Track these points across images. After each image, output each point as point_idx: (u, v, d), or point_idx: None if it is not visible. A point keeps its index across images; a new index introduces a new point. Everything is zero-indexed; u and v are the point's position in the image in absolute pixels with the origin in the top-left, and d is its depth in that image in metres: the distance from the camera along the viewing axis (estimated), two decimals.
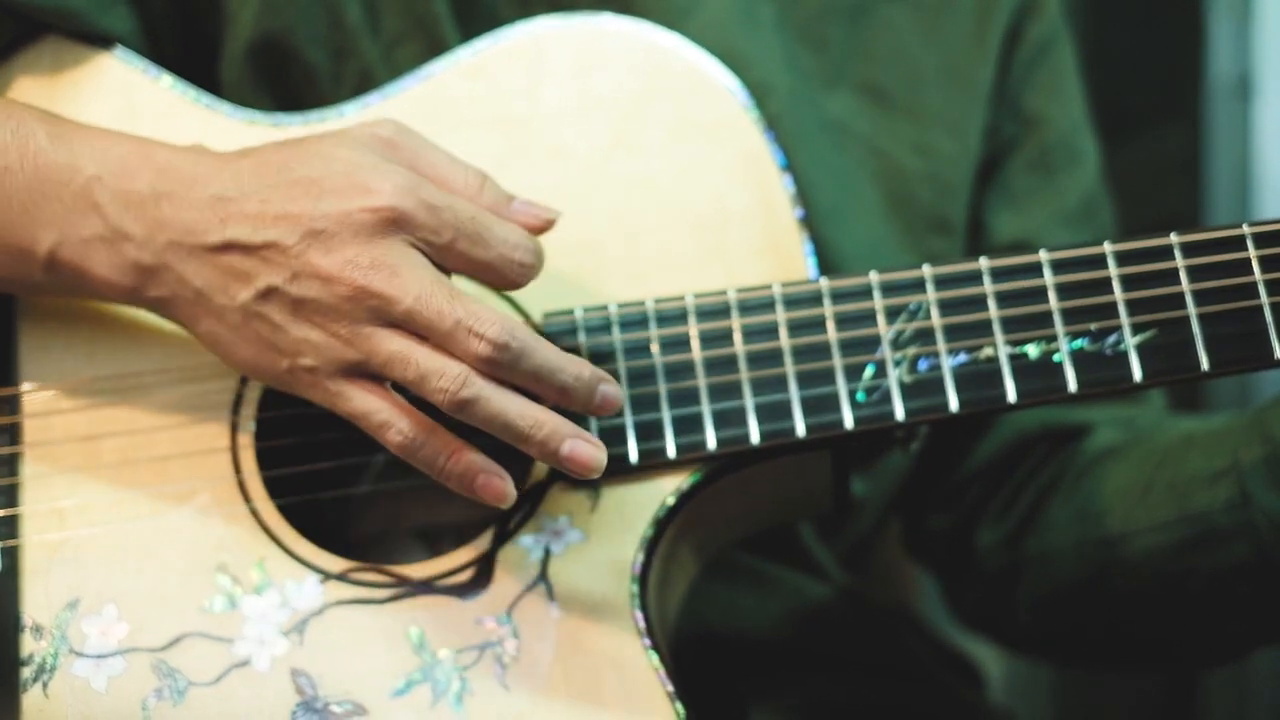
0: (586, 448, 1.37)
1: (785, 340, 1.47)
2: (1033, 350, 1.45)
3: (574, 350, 1.47)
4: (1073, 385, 1.44)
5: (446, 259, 1.39)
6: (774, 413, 1.46)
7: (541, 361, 1.36)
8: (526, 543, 1.45)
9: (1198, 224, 2.52)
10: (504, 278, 1.41)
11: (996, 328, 1.45)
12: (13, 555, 1.45)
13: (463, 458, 1.37)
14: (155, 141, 1.44)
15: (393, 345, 1.36)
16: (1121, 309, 1.44)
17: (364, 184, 1.38)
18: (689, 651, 1.53)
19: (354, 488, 1.54)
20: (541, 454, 1.37)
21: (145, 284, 1.41)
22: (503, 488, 1.37)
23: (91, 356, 1.49)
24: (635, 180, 1.53)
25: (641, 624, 1.43)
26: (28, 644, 1.43)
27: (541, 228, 1.44)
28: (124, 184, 1.41)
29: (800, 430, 1.45)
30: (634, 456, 1.46)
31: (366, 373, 1.38)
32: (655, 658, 1.42)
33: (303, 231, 1.37)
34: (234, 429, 1.48)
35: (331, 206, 1.37)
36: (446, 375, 1.35)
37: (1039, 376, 1.44)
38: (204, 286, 1.39)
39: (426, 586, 1.45)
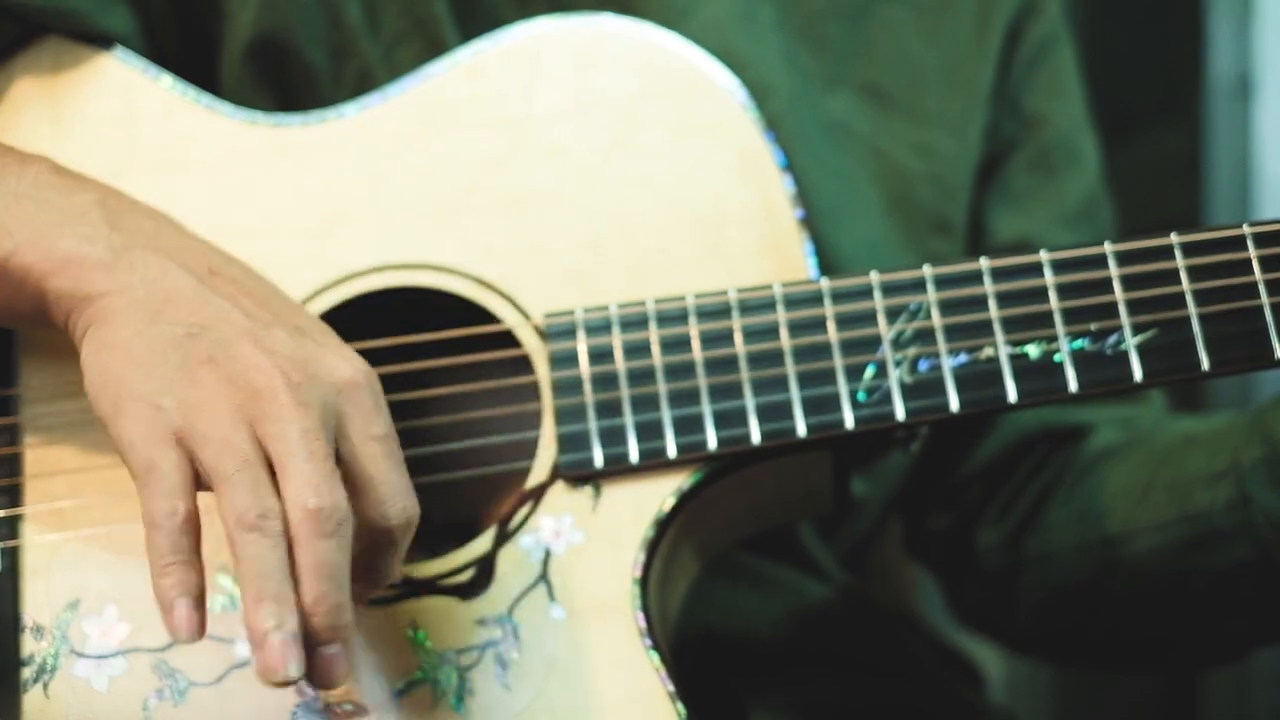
0: (291, 652, 1.24)
1: (786, 340, 1.47)
2: (1033, 350, 1.45)
3: (573, 349, 1.47)
4: (1073, 385, 1.44)
5: (346, 446, 1.32)
6: (774, 413, 1.46)
7: (337, 560, 1.27)
8: (527, 543, 1.46)
9: (1198, 224, 2.52)
10: (374, 512, 1.32)
11: (997, 328, 1.45)
12: (13, 556, 1.45)
13: (191, 573, 1.28)
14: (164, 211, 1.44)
15: (246, 445, 1.28)
16: (1122, 309, 1.44)
17: (351, 354, 1.35)
18: (689, 651, 1.53)
19: None
20: (257, 622, 1.25)
21: (106, 271, 1.36)
22: (191, 625, 1.27)
23: None
24: (635, 180, 1.53)
25: (642, 624, 1.43)
26: (28, 644, 1.43)
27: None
28: (126, 206, 1.41)
29: (801, 430, 1.45)
30: (634, 457, 1.46)
31: (193, 448, 1.29)
32: (656, 658, 1.42)
33: (272, 321, 1.34)
34: None
35: (313, 330, 1.35)
36: (265, 502, 1.26)
37: (1039, 377, 1.45)
38: (148, 296, 1.34)
39: (427, 586, 1.45)
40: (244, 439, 1.28)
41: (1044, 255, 1.46)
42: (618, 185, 1.53)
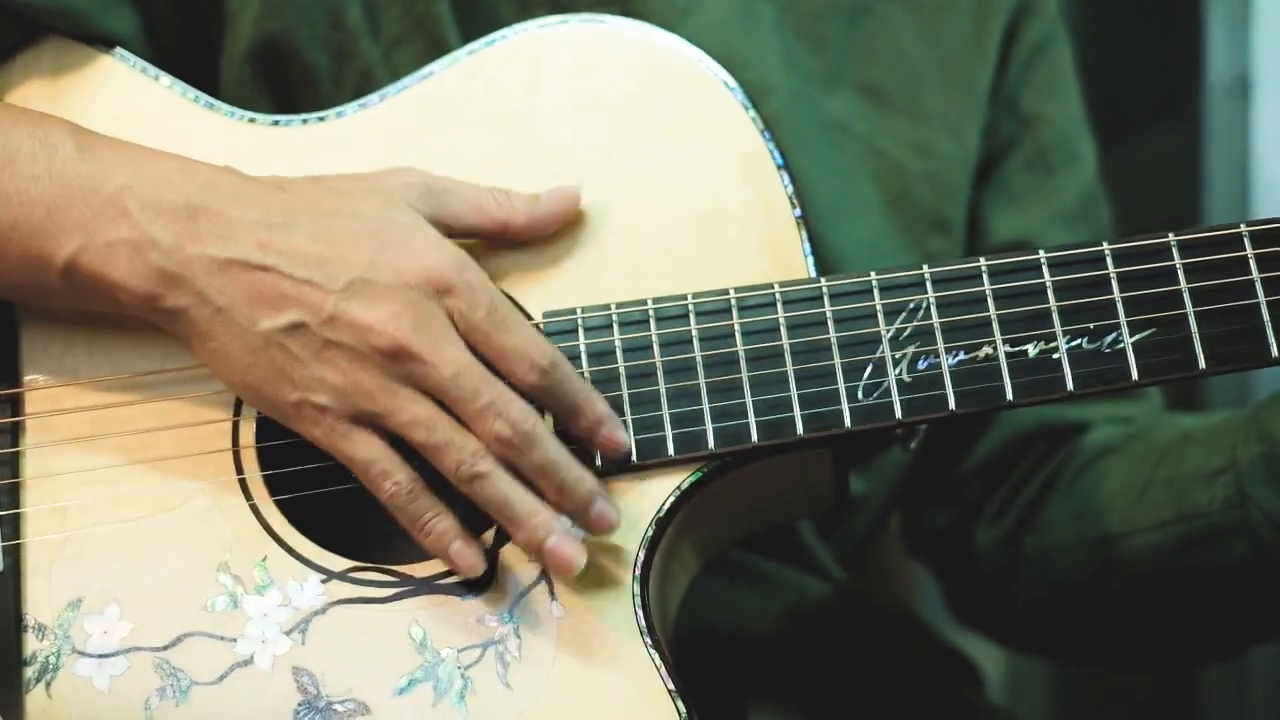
0: (569, 547, 1.42)
1: (785, 339, 1.47)
2: (1031, 349, 1.45)
3: (574, 348, 1.47)
4: (1071, 384, 1.44)
5: (474, 337, 1.42)
6: (774, 411, 1.46)
7: (552, 456, 1.41)
8: None
9: (1196, 224, 2.52)
10: (512, 372, 1.42)
11: (995, 327, 1.45)
12: (15, 554, 1.45)
13: (443, 522, 1.42)
14: (193, 159, 1.45)
15: (418, 408, 1.40)
16: (1120, 308, 1.45)
17: (418, 248, 1.41)
18: (689, 649, 1.53)
19: (356, 487, 1.54)
20: (527, 542, 1.42)
21: (165, 292, 1.41)
22: (473, 559, 1.42)
23: (93, 356, 1.49)
24: (634, 179, 1.53)
25: (643, 622, 1.43)
26: (30, 644, 1.43)
27: (572, 206, 1.49)
28: (158, 193, 1.42)
29: (800, 429, 1.46)
30: (634, 455, 1.46)
31: (375, 423, 1.40)
32: (656, 656, 1.42)
33: (348, 278, 1.39)
34: (235, 428, 1.48)
35: (383, 259, 1.40)
36: (465, 449, 1.39)
37: (1037, 375, 1.45)
38: (227, 305, 1.40)
39: (428, 585, 1.45)
40: (412, 400, 1.39)
41: (1042, 255, 1.47)
42: (617, 184, 1.53)
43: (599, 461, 1.45)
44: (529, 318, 1.50)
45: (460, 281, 1.41)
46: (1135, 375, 1.44)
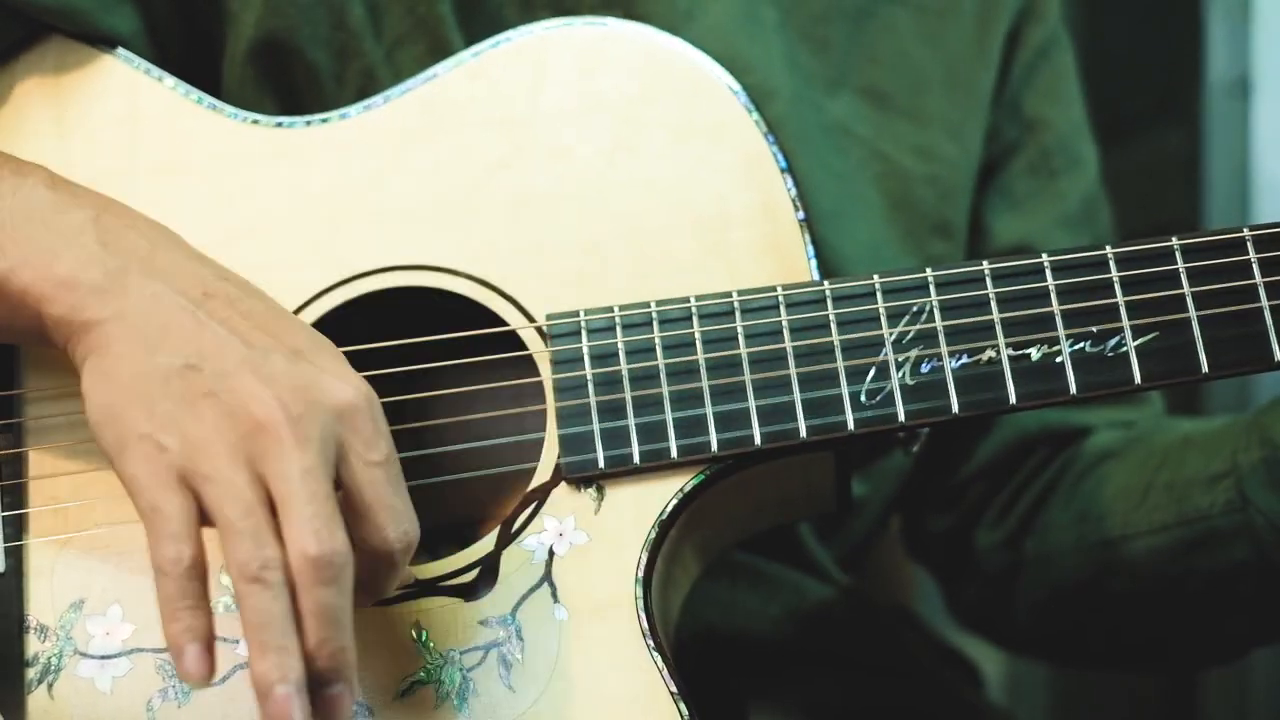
0: (297, 707, 1.26)
1: (788, 342, 1.47)
2: (1034, 352, 1.45)
3: (577, 351, 1.47)
4: (1074, 387, 1.45)
5: (356, 473, 1.32)
6: (777, 414, 1.46)
7: (339, 607, 1.28)
8: (530, 544, 1.46)
9: (1197, 226, 2.53)
10: (380, 526, 1.33)
11: (998, 330, 1.46)
12: (17, 555, 1.45)
13: (200, 618, 1.29)
14: (161, 224, 1.42)
15: (248, 491, 1.28)
16: (1123, 311, 1.45)
17: (347, 373, 1.35)
18: (690, 651, 1.54)
19: None
20: (263, 674, 1.27)
21: (91, 302, 1.35)
22: (201, 669, 1.28)
23: None
24: (638, 182, 1.53)
25: (645, 625, 1.43)
26: (32, 645, 1.43)
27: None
28: (122, 227, 1.39)
29: (803, 432, 1.46)
30: (637, 458, 1.46)
31: (198, 487, 1.30)
32: (658, 658, 1.42)
33: (267, 356, 1.33)
34: None
35: (309, 363, 1.33)
36: (265, 550, 1.27)
37: (1040, 379, 1.45)
38: (141, 327, 1.34)
39: (430, 587, 1.45)
40: (245, 481, 1.28)
41: (1045, 258, 1.47)
42: (621, 187, 1.53)
43: (602, 463, 1.45)
44: (531, 320, 1.50)
45: (374, 422, 1.33)
46: (1138, 379, 1.44)
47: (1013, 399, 1.45)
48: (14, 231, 1.38)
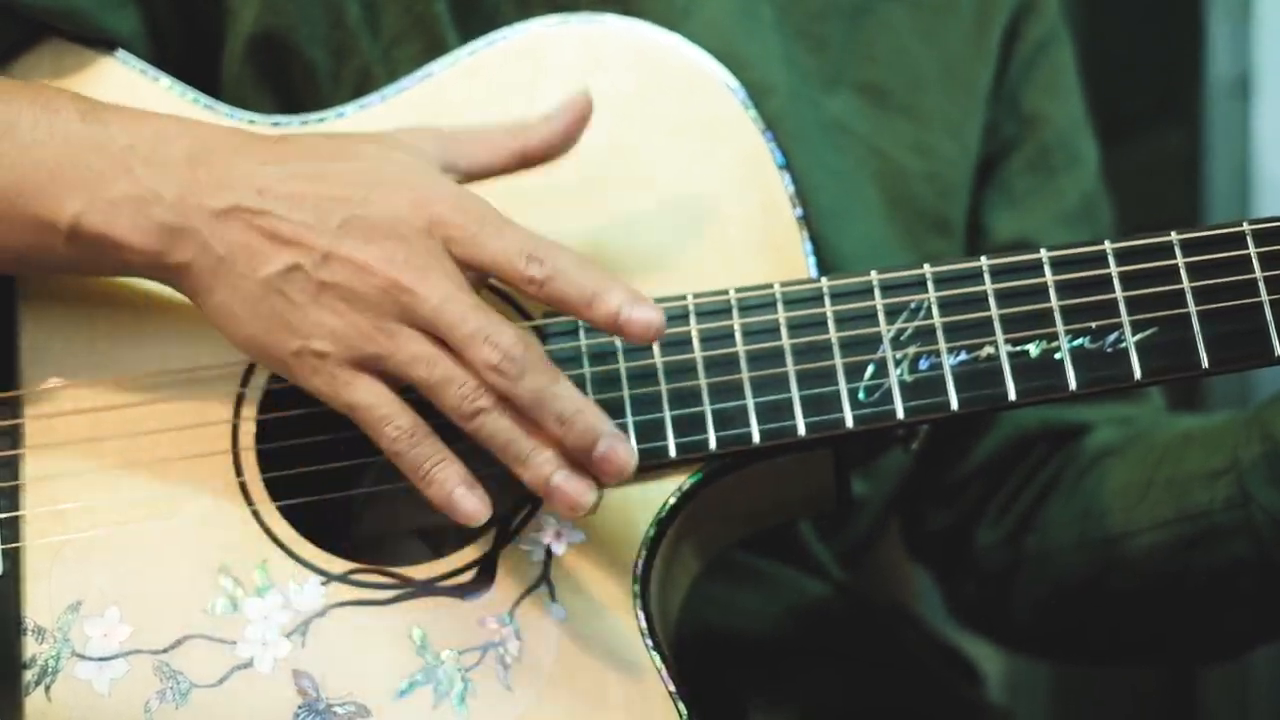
0: (576, 484, 1.38)
1: (786, 339, 1.47)
2: (1033, 348, 1.45)
3: (574, 349, 1.47)
4: (1073, 383, 1.44)
5: (472, 263, 1.40)
6: (775, 412, 1.46)
7: (546, 383, 1.38)
8: (528, 543, 1.46)
9: (1197, 224, 2.52)
10: (521, 276, 1.41)
11: (997, 326, 1.45)
12: (14, 558, 1.45)
13: (448, 468, 1.39)
14: (196, 120, 1.46)
15: (417, 346, 1.37)
16: (1122, 307, 1.45)
17: (412, 184, 1.40)
18: (689, 650, 1.53)
19: (355, 489, 1.54)
20: (533, 479, 1.38)
21: (169, 248, 1.41)
22: (477, 506, 1.39)
23: (92, 359, 1.49)
24: (634, 179, 1.53)
25: (643, 624, 1.43)
26: (30, 647, 1.43)
27: (586, 113, 1.48)
28: (159, 149, 1.42)
29: (801, 429, 1.45)
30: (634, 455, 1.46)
31: (377, 367, 1.39)
32: (657, 658, 1.42)
33: (342, 217, 1.38)
34: (235, 431, 1.48)
35: (376, 197, 1.39)
36: (468, 384, 1.37)
37: (1039, 375, 1.45)
38: (226, 254, 1.39)
39: (429, 587, 1.45)
40: (410, 339, 1.37)
41: (1044, 254, 1.46)
42: (618, 184, 1.53)
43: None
44: (529, 318, 1.50)
45: (457, 214, 1.39)
46: (1138, 375, 1.44)
47: (1012, 395, 1.45)
48: (64, 179, 1.42)
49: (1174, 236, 1.45)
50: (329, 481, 1.50)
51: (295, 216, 1.39)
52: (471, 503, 1.38)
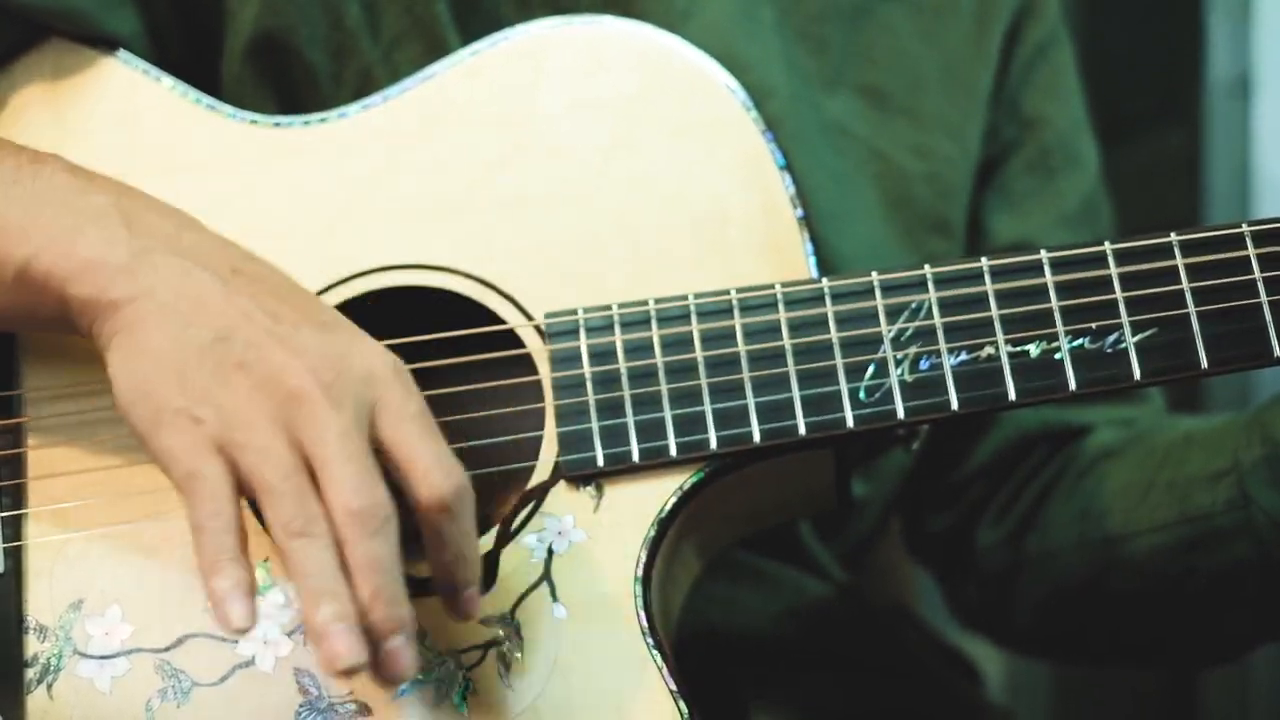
0: (352, 641, 1.27)
1: (787, 340, 1.47)
2: (1033, 349, 1.45)
3: (575, 349, 1.47)
4: (1073, 384, 1.44)
5: (393, 429, 1.34)
6: (776, 412, 1.46)
7: (387, 557, 1.29)
8: (530, 542, 1.46)
9: (1197, 224, 2.52)
10: (425, 477, 1.33)
11: (997, 326, 1.45)
12: (16, 556, 1.45)
13: (239, 569, 1.29)
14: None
15: (285, 455, 1.30)
16: (1122, 307, 1.45)
17: (369, 342, 1.36)
18: (690, 650, 1.53)
19: None
20: (318, 617, 1.27)
21: (117, 282, 1.35)
22: (243, 614, 1.28)
23: (92, 358, 1.49)
24: (636, 181, 1.53)
25: (644, 623, 1.43)
26: (32, 645, 1.43)
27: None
28: (146, 211, 1.39)
29: (802, 429, 1.46)
30: (636, 456, 1.46)
31: (233, 456, 1.31)
32: (658, 657, 1.42)
33: (295, 328, 1.34)
34: None
35: (338, 330, 1.36)
36: (307, 507, 1.29)
37: (1039, 375, 1.45)
38: (171, 303, 1.34)
39: (429, 586, 1.45)
40: (283, 447, 1.29)
41: (1044, 254, 1.46)
42: (619, 185, 1.53)
43: (601, 461, 1.45)
44: (529, 318, 1.50)
45: (398, 381, 1.35)
46: (1137, 375, 1.44)
47: (1012, 395, 1.45)
48: (36, 215, 1.38)
49: (1174, 237, 1.46)
50: None
51: (252, 305, 1.34)
52: (239, 608, 1.27)
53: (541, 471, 1.47)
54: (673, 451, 1.46)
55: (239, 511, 1.30)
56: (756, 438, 1.46)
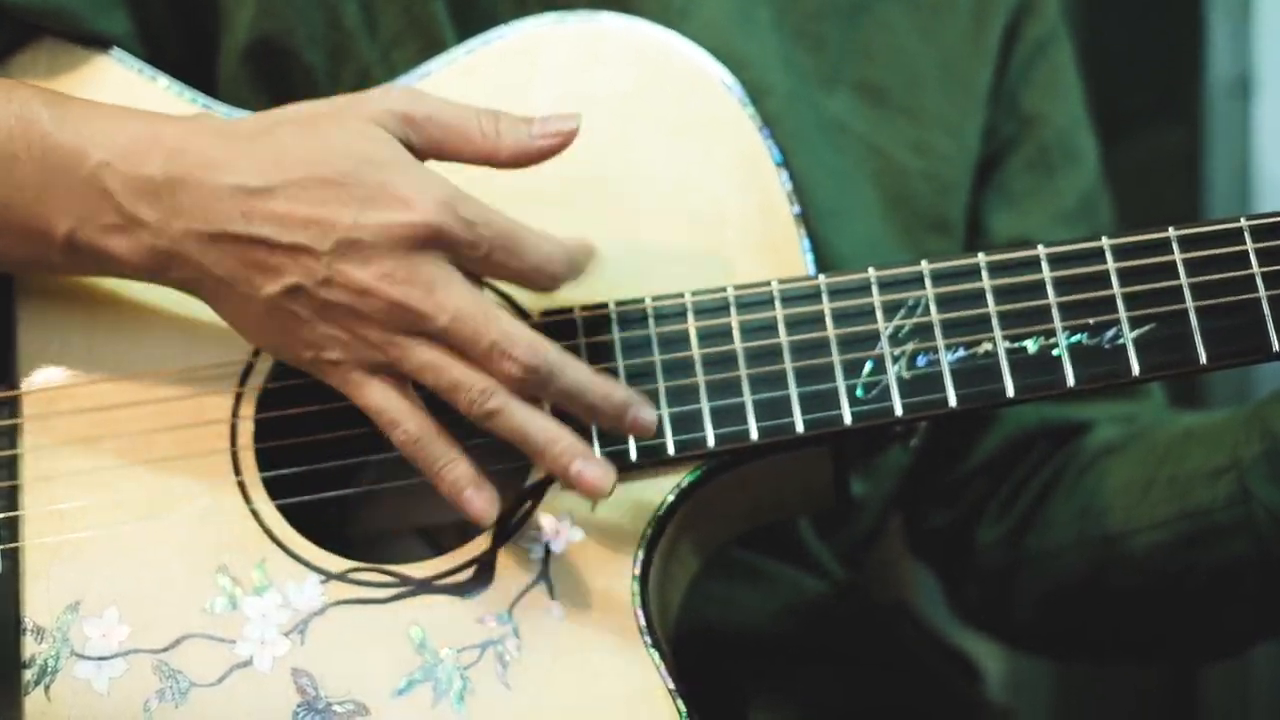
0: (594, 470, 1.41)
1: (784, 337, 1.47)
2: (1031, 345, 1.45)
3: (574, 350, 1.47)
4: (1071, 380, 1.44)
5: (481, 269, 1.42)
6: (773, 409, 1.46)
7: (570, 383, 1.41)
8: (527, 541, 1.45)
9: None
10: (536, 286, 1.45)
11: (995, 323, 1.45)
12: (13, 558, 1.45)
13: (458, 468, 1.41)
14: (162, 117, 1.44)
15: (425, 355, 1.39)
16: (1119, 303, 1.44)
17: (403, 196, 1.39)
18: (688, 648, 1.53)
19: (354, 488, 1.54)
20: (553, 469, 1.41)
21: (165, 268, 1.42)
22: (484, 507, 1.41)
23: (91, 357, 1.49)
24: (632, 178, 1.53)
25: (642, 622, 1.43)
26: (29, 646, 1.43)
27: (567, 140, 1.45)
28: (134, 168, 1.41)
29: (799, 427, 1.45)
30: (634, 454, 1.46)
31: (390, 371, 1.41)
32: (656, 655, 1.42)
33: (336, 239, 1.38)
34: (233, 429, 1.48)
35: (368, 218, 1.38)
36: (475, 388, 1.39)
37: (1037, 371, 1.45)
38: (226, 275, 1.40)
39: (427, 586, 1.45)
40: (418, 348, 1.39)
41: (1041, 250, 1.46)
42: (616, 182, 1.53)
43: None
44: (526, 317, 1.50)
45: (453, 225, 1.40)
46: (1136, 371, 1.44)
47: (1010, 391, 1.44)
48: (46, 195, 1.42)
49: (1172, 232, 1.45)
50: (328, 480, 1.50)
51: (286, 239, 1.39)
52: (479, 502, 1.41)
53: (539, 470, 1.47)
54: (670, 449, 1.46)
55: (422, 418, 1.41)
56: (754, 435, 1.46)
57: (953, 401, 1.45)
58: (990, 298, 1.46)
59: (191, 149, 1.41)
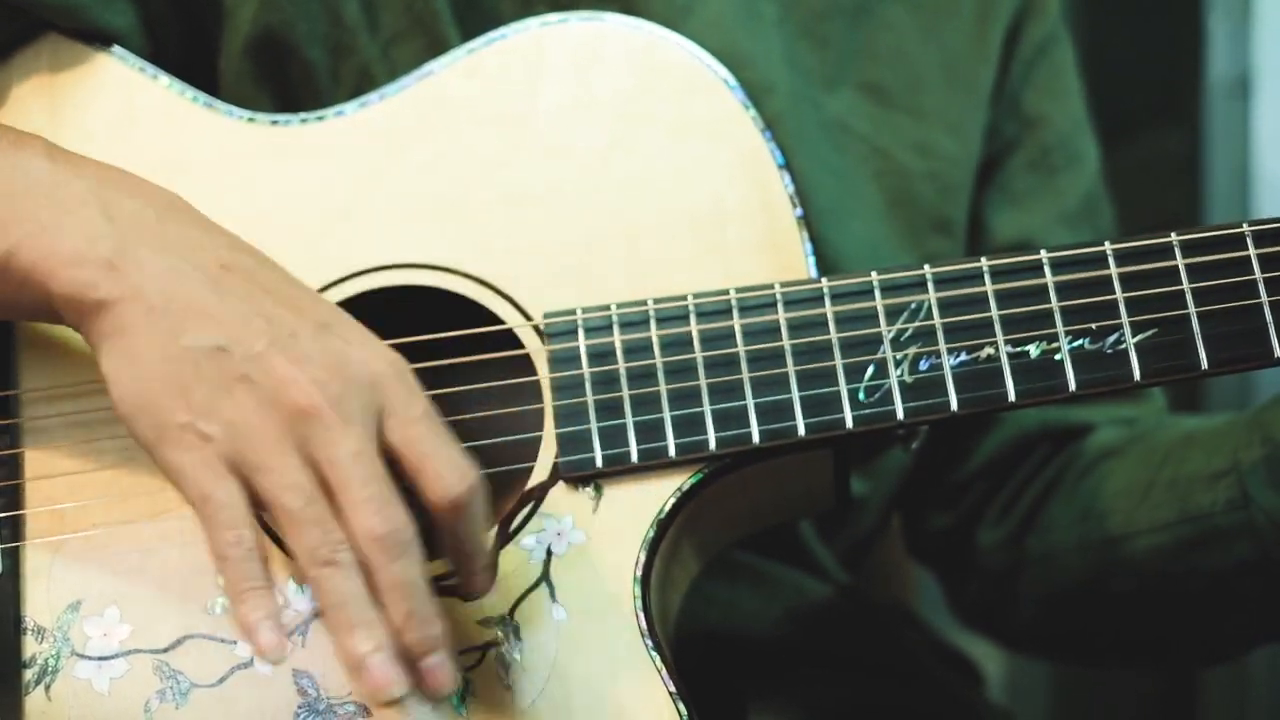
0: (391, 670, 1.29)
1: (786, 340, 1.47)
2: (1033, 349, 1.45)
3: (574, 350, 1.47)
4: (1073, 384, 1.44)
5: (399, 438, 1.33)
6: (775, 412, 1.46)
7: (415, 577, 1.30)
8: (528, 544, 1.45)
9: (1197, 224, 2.52)
10: (439, 477, 1.33)
11: (997, 327, 1.45)
12: (14, 557, 1.45)
13: (265, 595, 1.30)
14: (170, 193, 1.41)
15: (301, 477, 1.29)
16: (1122, 308, 1.44)
17: (367, 342, 1.35)
18: (689, 650, 1.53)
19: None
20: (350, 651, 1.29)
21: (102, 280, 1.33)
22: (275, 642, 1.29)
23: (90, 358, 1.48)
24: (634, 179, 1.53)
25: (644, 624, 1.43)
26: (30, 646, 1.43)
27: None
28: (129, 197, 1.38)
29: (801, 430, 1.45)
30: (635, 456, 1.46)
31: (246, 475, 1.31)
32: (657, 658, 1.42)
33: (289, 331, 1.32)
34: None
35: (331, 337, 1.34)
36: (330, 534, 1.29)
37: (1039, 376, 1.45)
38: (161, 306, 1.32)
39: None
40: (298, 468, 1.29)
41: (1044, 254, 1.46)
42: (618, 184, 1.53)
43: (600, 462, 1.45)
44: (528, 318, 1.50)
45: (402, 383, 1.34)
46: (1137, 375, 1.44)
47: (1012, 396, 1.44)
48: (14, 208, 1.36)
49: (1174, 237, 1.45)
50: None
51: (245, 307, 1.33)
52: (270, 637, 1.29)
53: (540, 472, 1.47)
54: (672, 452, 1.46)
55: (258, 534, 1.30)
56: (756, 438, 1.45)
57: (954, 406, 1.45)
58: (992, 302, 1.46)
59: (194, 210, 1.40)
